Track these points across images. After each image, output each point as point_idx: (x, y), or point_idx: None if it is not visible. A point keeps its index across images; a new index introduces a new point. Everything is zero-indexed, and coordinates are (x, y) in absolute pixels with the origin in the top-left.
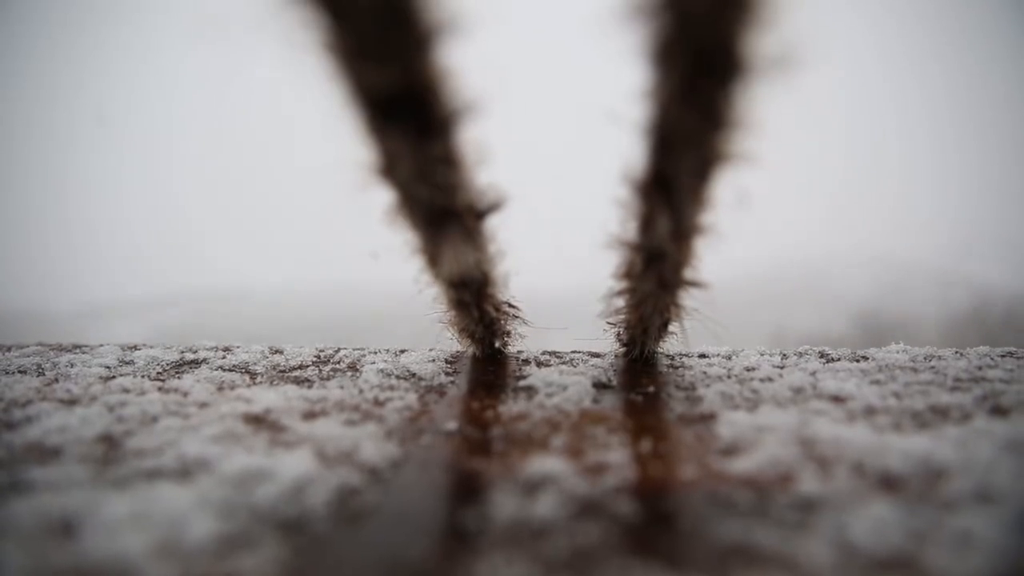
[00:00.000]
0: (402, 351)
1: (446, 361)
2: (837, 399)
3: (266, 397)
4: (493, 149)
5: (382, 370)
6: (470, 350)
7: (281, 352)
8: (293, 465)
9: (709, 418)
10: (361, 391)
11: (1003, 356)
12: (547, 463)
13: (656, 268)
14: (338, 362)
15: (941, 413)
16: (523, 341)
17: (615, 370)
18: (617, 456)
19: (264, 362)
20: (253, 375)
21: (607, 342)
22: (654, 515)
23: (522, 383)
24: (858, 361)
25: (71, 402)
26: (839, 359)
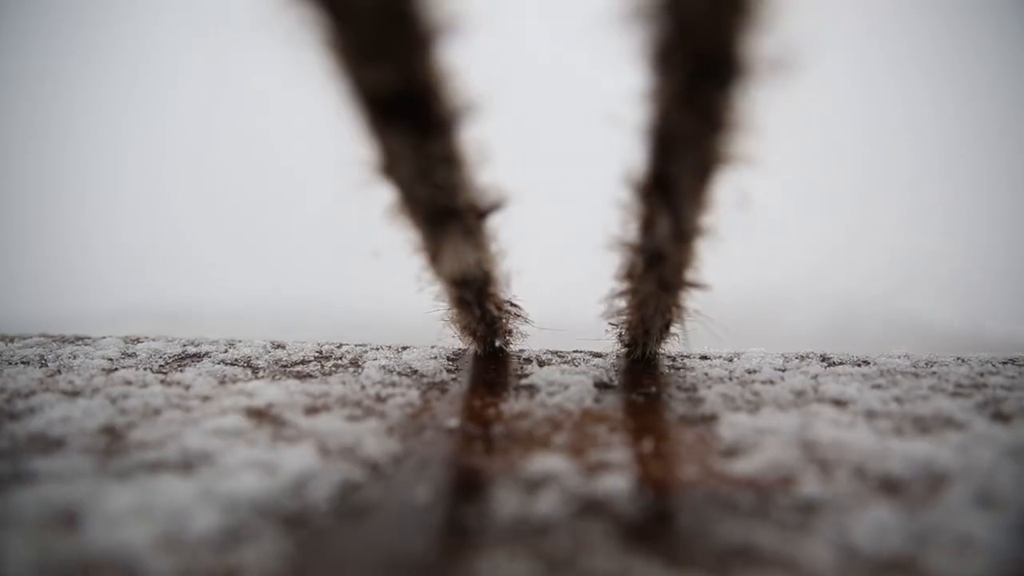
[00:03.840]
0: (404, 348)
1: (448, 358)
2: (839, 403)
3: (268, 391)
4: (494, 149)
5: (384, 366)
6: (472, 348)
7: (283, 347)
8: (295, 459)
9: (710, 419)
10: (363, 387)
11: (1004, 363)
12: (548, 461)
13: (657, 269)
14: (340, 358)
15: (942, 418)
16: (525, 340)
17: (617, 370)
18: (618, 455)
19: (266, 356)
20: (255, 369)
21: (609, 342)
22: (655, 514)
23: (524, 381)
24: (860, 365)
25: (74, 393)
26: (841, 363)
